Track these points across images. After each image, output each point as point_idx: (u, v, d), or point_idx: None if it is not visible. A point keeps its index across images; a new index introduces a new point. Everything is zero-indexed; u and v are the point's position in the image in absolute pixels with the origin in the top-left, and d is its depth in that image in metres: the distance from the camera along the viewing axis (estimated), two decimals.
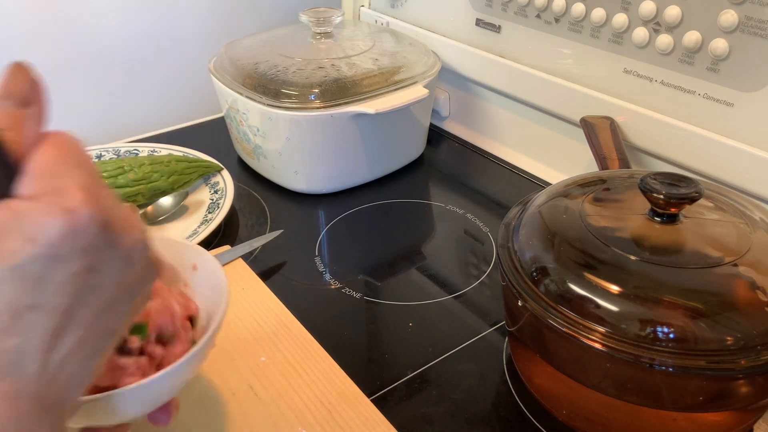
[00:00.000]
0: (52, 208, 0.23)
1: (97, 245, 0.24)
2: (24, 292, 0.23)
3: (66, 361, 0.25)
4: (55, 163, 0.24)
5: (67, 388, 0.25)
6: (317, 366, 0.49)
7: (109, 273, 0.25)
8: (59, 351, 0.24)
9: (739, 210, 0.45)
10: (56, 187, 0.24)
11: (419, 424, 0.46)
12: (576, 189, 0.49)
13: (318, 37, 0.77)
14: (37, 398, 0.24)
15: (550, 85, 0.72)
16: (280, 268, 0.63)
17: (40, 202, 0.23)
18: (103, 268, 0.25)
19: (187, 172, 0.70)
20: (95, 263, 0.25)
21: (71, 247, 0.23)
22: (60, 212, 0.23)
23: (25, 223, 0.23)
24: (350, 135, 0.71)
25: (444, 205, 0.73)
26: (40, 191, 0.23)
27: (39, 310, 0.23)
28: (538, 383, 0.47)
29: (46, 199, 0.23)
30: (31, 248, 0.23)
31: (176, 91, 0.96)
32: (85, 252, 0.24)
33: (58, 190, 0.24)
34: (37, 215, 0.23)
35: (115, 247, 0.25)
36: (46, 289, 0.23)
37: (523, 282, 0.43)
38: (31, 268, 0.23)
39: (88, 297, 0.25)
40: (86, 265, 0.24)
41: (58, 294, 0.24)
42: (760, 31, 0.53)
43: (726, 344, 0.37)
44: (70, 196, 0.24)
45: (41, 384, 0.24)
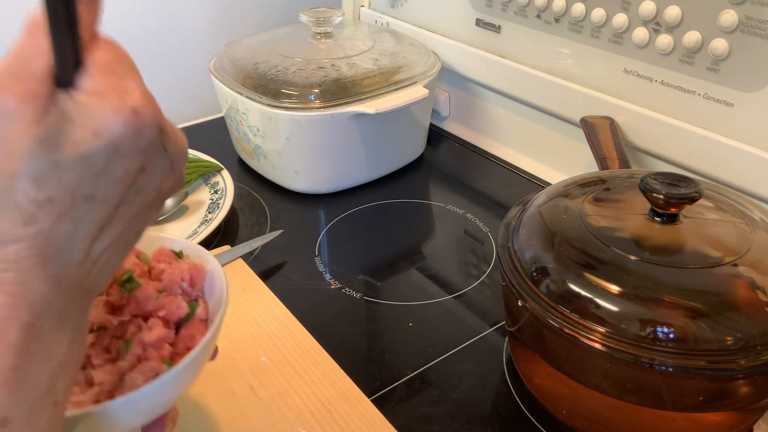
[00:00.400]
0: (120, 106, 0.24)
1: (153, 147, 0.25)
2: (84, 182, 0.24)
3: (104, 252, 0.26)
4: (116, 61, 0.25)
5: (99, 277, 0.27)
6: (317, 366, 0.49)
7: (156, 175, 0.27)
8: (101, 242, 0.26)
9: (739, 210, 0.45)
10: (121, 86, 0.24)
11: (419, 424, 0.46)
12: (576, 189, 0.49)
13: (318, 37, 0.77)
14: (75, 283, 0.25)
15: (550, 85, 0.72)
16: (280, 268, 0.63)
17: (107, 98, 0.24)
18: (153, 169, 0.26)
19: (187, 172, 0.70)
20: (147, 164, 0.26)
21: (132, 145, 0.25)
22: (128, 111, 0.24)
23: (92, 117, 0.24)
24: (350, 135, 0.71)
25: (444, 205, 0.73)
26: (105, 88, 0.24)
27: (94, 201, 0.25)
28: (538, 383, 0.47)
29: (112, 97, 0.24)
30: (99, 141, 0.24)
31: (176, 91, 0.96)
32: (142, 152, 0.25)
33: (122, 90, 0.24)
34: (104, 111, 0.24)
35: (165, 151, 0.26)
36: (103, 182, 0.24)
37: (523, 282, 0.43)
38: (94, 160, 0.24)
39: (133, 195, 0.26)
40: (140, 165, 0.25)
41: (113, 188, 0.25)
42: (760, 31, 0.53)
43: (726, 344, 0.37)
44: (134, 96, 0.24)
45: (81, 271, 0.25)
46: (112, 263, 0.27)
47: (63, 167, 0.23)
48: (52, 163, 0.23)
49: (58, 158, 0.23)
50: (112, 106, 0.24)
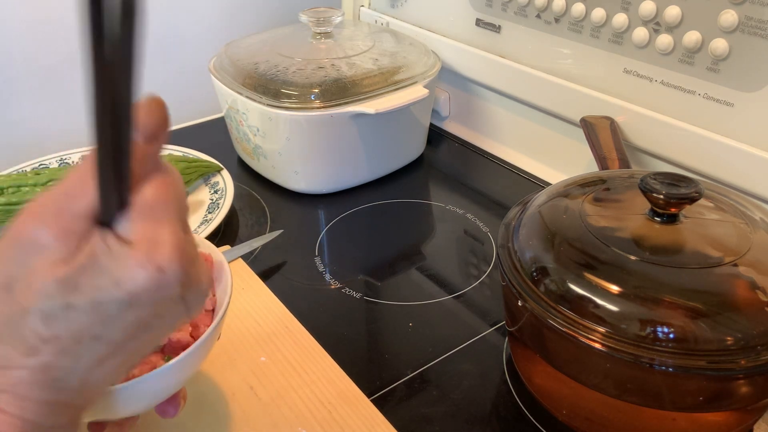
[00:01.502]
0: (146, 262, 0.24)
1: (171, 298, 0.26)
2: (93, 325, 0.25)
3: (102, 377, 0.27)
4: (160, 205, 0.26)
5: (94, 395, 0.28)
6: (317, 366, 0.49)
7: (169, 319, 0.27)
8: (101, 371, 0.26)
9: (739, 210, 0.45)
10: (154, 237, 0.25)
11: (419, 424, 0.46)
12: (576, 189, 0.49)
13: (318, 37, 0.77)
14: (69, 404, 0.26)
15: (550, 85, 0.72)
16: (280, 268, 0.63)
17: (136, 250, 0.24)
18: (166, 315, 0.27)
19: (186, 172, 0.70)
20: (162, 311, 0.26)
21: (149, 298, 0.25)
22: (153, 268, 0.24)
23: (118, 267, 0.24)
24: (350, 135, 0.71)
25: (444, 205, 0.73)
26: (138, 236, 0.25)
27: (99, 341, 0.25)
28: (538, 383, 0.47)
29: (142, 249, 0.24)
30: (115, 291, 0.24)
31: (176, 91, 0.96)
32: (158, 303, 0.26)
33: (154, 242, 0.25)
34: (130, 263, 0.24)
35: (184, 299, 0.27)
36: (113, 326, 0.25)
37: (523, 282, 0.43)
38: (108, 307, 0.25)
39: (143, 334, 0.27)
40: (154, 313, 0.26)
41: (121, 331, 0.26)
42: (760, 31, 0.53)
43: (726, 344, 0.37)
44: (164, 252, 0.25)
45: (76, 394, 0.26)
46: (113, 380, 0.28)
47: (75, 310, 0.24)
48: (66, 305, 0.24)
49: (72, 302, 0.24)
50: (138, 259, 0.24)
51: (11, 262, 0.24)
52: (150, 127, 0.26)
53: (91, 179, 0.24)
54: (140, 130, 0.25)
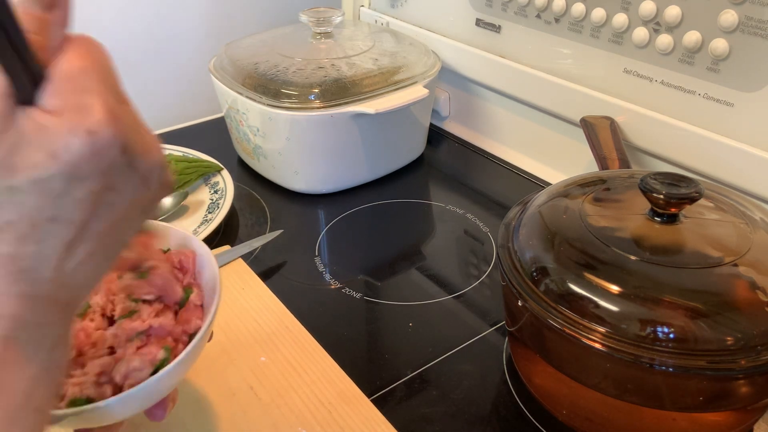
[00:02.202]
0: (76, 127, 0.23)
1: (116, 166, 0.25)
2: (44, 205, 0.24)
3: (78, 267, 0.26)
4: (80, 73, 0.24)
5: (78, 290, 0.27)
6: (317, 366, 0.49)
7: (126, 192, 0.26)
8: (72, 259, 0.26)
9: (739, 210, 0.45)
10: (80, 103, 0.24)
11: (419, 424, 0.46)
12: (576, 189, 0.49)
13: (318, 37, 0.77)
14: (50, 298, 0.25)
15: (550, 85, 0.72)
16: (280, 268, 0.63)
17: (64, 118, 0.23)
18: (121, 187, 0.26)
19: (187, 172, 0.70)
20: (113, 183, 0.25)
21: (91, 167, 0.24)
22: (83, 133, 0.23)
23: (49, 139, 0.23)
24: (350, 135, 0.71)
25: (444, 205, 0.73)
26: (64, 106, 0.24)
27: (56, 222, 0.24)
28: (538, 383, 0.47)
29: (70, 117, 0.23)
30: (53, 164, 0.23)
31: (176, 91, 0.96)
32: (104, 172, 0.25)
33: (81, 108, 0.24)
34: (60, 133, 0.23)
35: (133, 168, 0.26)
36: (64, 203, 0.24)
37: (523, 282, 0.43)
38: (52, 184, 0.24)
39: (103, 212, 0.26)
40: (104, 184, 0.25)
41: (76, 209, 0.25)
42: (760, 31, 0.53)
43: (726, 344, 0.37)
44: (93, 115, 0.24)
45: (54, 287, 0.25)
46: (93, 275, 0.27)
47: (19, 191, 0.23)
48: (8, 188, 0.23)
49: (13, 183, 0.23)
50: (67, 126, 0.23)
51: None
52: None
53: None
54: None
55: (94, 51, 0.25)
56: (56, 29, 0.25)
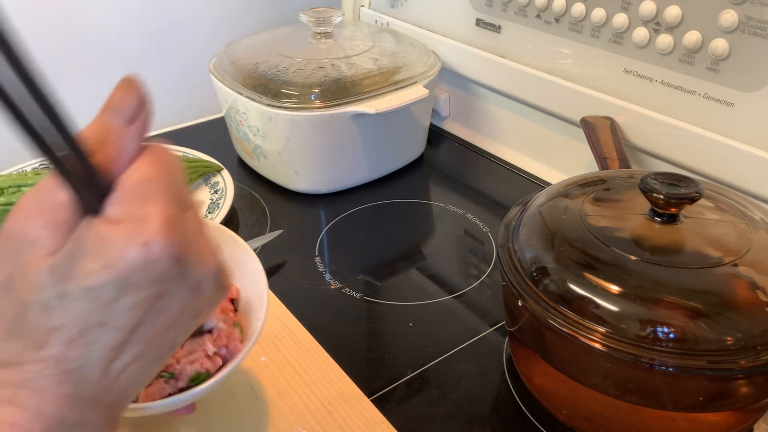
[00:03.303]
0: (132, 238, 0.24)
1: (168, 276, 0.25)
2: (93, 311, 0.24)
3: (125, 370, 0.26)
4: (146, 183, 0.25)
5: (125, 391, 0.27)
6: (317, 366, 0.49)
7: (176, 299, 0.26)
8: (119, 362, 0.26)
9: (739, 210, 0.45)
10: (140, 213, 0.25)
11: (419, 424, 0.46)
12: (576, 189, 0.49)
13: (318, 37, 0.77)
14: (94, 399, 0.26)
15: (550, 85, 0.72)
16: (280, 268, 0.63)
17: (123, 228, 0.24)
18: (171, 295, 0.26)
19: (187, 172, 0.70)
20: (164, 292, 0.26)
21: (143, 277, 0.25)
22: (138, 244, 0.24)
23: (105, 249, 0.24)
24: (350, 135, 0.71)
25: (444, 205, 0.73)
26: (125, 216, 0.24)
27: (105, 327, 0.25)
28: (538, 383, 0.47)
29: (128, 227, 0.24)
30: (106, 274, 0.24)
31: (176, 91, 0.96)
32: (155, 282, 0.25)
33: (140, 218, 0.24)
34: (116, 243, 0.24)
35: (185, 277, 0.26)
36: (114, 310, 0.25)
37: (523, 282, 0.43)
38: (103, 291, 0.24)
39: (152, 318, 0.26)
40: (155, 293, 0.25)
41: (125, 316, 0.25)
42: (760, 31, 0.53)
43: (726, 344, 0.37)
44: (150, 227, 0.24)
45: (100, 388, 0.26)
46: (140, 377, 0.28)
47: (71, 298, 0.24)
48: (61, 294, 0.24)
49: (66, 290, 0.24)
50: (124, 238, 0.24)
51: (7, 259, 0.25)
52: (127, 107, 0.26)
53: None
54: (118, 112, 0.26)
55: (164, 159, 0.26)
56: (133, 140, 0.26)
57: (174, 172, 0.27)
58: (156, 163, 0.26)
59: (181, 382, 0.37)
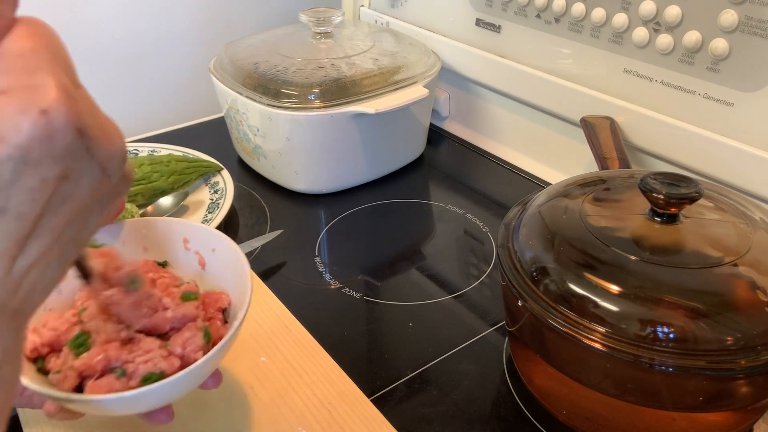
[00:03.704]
0: (27, 107, 0.21)
1: (72, 152, 0.23)
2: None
3: (30, 268, 0.24)
4: (30, 53, 0.22)
5: (30, 295, 0.24)
6: (317, 366, 0.49)
7: (83, 181, 0.24)
8: (24, 259, 0.23)
9: (739, 210, 0.45)
10: (32, 82, 0.22)
11: (419, 424, 0.46)
12: (576, 189, 0.49)
13: (318, 37, 0.77)
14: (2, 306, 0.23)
15: (550, 85, 0.72)
16: (280, 268, 0.63)
17: (13, 97, 0.21)
18: (78, 175, 0.23)
19: (187, 172, 0.70)
20: (69, 171, 0.23)
21: (44, 151, 0.22)
22: (35, 113, 0.21)
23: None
24: (350, 135, 0.71)
25: (444, 205, 0.73)
26: (13, 85, 0.21)
27: (6, 214, 0.22)
28: (538, 383, 0.47)
29: (20, 96, 0.21)
30: (1, 148, 0.21)
31: (176, 91, 0.96)
32: (58, 158, 0.22)
33: (33, 87, 0.21)
34: (9, 113, 0.21)
35: (91, 155, 0.23)
36: (15, 193, 0.22)
37: (523, 282, 0.43)
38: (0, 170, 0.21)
39: (58, 205, 0.23)
40: (59, 172, 0.23)
41: (28, 200, 0.22)
42: (760, 31, 0.53)
43: (726, 344, 0.37)
44: (46, 94, 0.21)
45: (4, 291, 0.23)
46: (46, 278, 0.25)
47: None
48: None
49: None
50: (17, 106, 0.21)
51: None
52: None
53: None
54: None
55: (44, 32, 0.23)
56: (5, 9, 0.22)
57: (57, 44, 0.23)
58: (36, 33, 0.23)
59: (134, 381, 0.35)
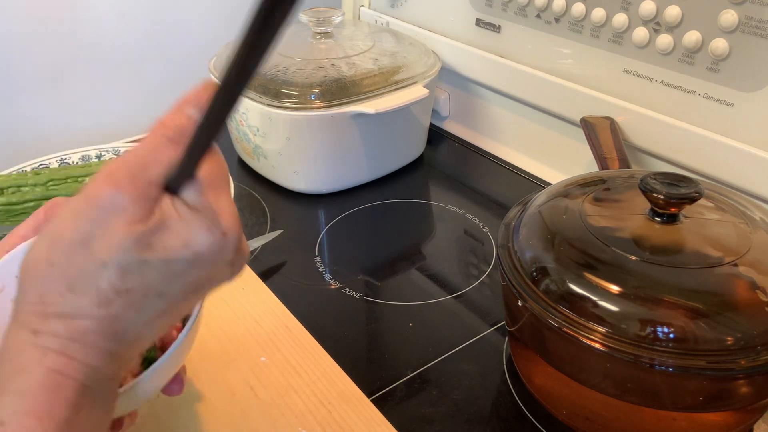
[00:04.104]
0: (213, 227, 0.27)
1: (225, 262, 0.28)
2: (161, 282, 0.27)
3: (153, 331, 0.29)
4: (217, 179, 0.28)
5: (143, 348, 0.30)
6: (317, 366, 0.49)
7: (218, 280, 0.30)
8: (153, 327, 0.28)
9: (739, 210, 0.45)
10: (217, 205, 0.28)
11: (419, 424, 0.46)
12: (576, 189, 0.49)
13: (318, 37, 0.77)
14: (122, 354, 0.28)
15: (550, 85, 0.72)
16: (280, 268, 0.63)
17: (204, 216, 0.27)
18: (218, 277, 0.29)
19: None
20: (215, 274, 0.29)
21: (211, 259, 0.28)
22: (218, 233, 0.27)
23: (187, 230, 0.27)
24: (350, 135, 0.71)
25: (444, 205, 0.73)
26: (204, 205, 0.27)
27: (162, 297, 0.27)
28: (538, 383, 0.47)
29: (209, 215, 0.27)
30: (184, 251, 0.27)
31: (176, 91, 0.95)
32: (215, 265, 0.28)
33: (217, 210, 0.28)
34: (198, 226, 0.27)
35: (232, 264, 0.29)
36: (176, 283, 0.27)
37: (523, 282, 0.43)
38: (177, 266, 0.27)
39: (194, 294, 0.29)
40: (210, 275, 0.29)
41: (181, 289, 0.28)
42: (760, 31, 0.53)
43: (726, 344, 0.37)
44: (227, 219, 0.28)
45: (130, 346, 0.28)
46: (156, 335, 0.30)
47: (148, 266, 0.26)
48: (141, 261, 0.26)
49: (147, 258, 0.26)
50: (206, 225, 0.27)
51: (88, 221, 0.26)
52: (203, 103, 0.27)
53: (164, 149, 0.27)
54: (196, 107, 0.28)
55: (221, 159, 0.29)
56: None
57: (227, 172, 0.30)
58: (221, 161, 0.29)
59: None
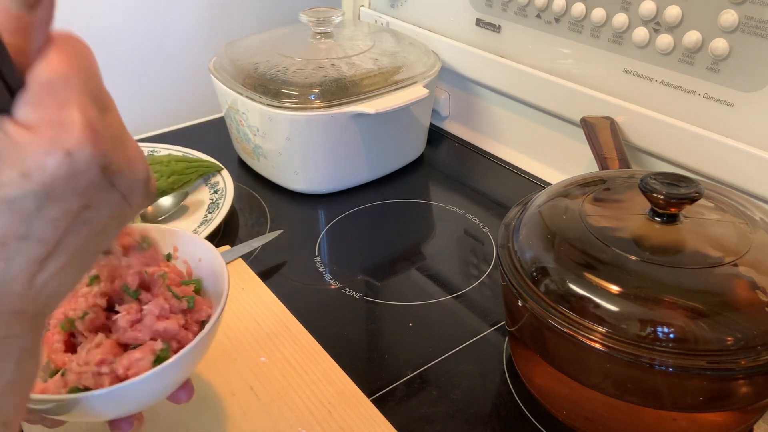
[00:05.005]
0: (53, 146, 0.22)
1: (95, 186, 0.24)
2: (13, 224, 0.22)
3: (50, 281, 0.25)
4: (60, 81, 0.23)
5: (50, 302, 0.26)
6: (317, 366, 0.49)
7: (104, 208, 0.25)
8: (44, 274, 0.24)
9: (739, 210, 0.45)
10: (59, 118, 0.22)
11: (419, 424, 0.46)
12: (576, 189, 0.49)
13: (318, 37, 0.77)
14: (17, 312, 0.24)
15: (550, 85, 0.72)
16: (280, 268, 0.63)
17: (40, 135, 0.22)
18: (99, 204, 0.24)
19: (186, 172, 0.70)
20: (91, 201, 0.24)
21: (68, 188, 0.23)
22: (60, 153, 0.22)
23: (22, 157, 0.22)
24: (350, 135, 0.71)
25: (444, 205, 0.73)
26: (41, 120, 0.22)
27: (27, 240, 0.23)
28: (538, 383, 0.47)
29: (46, 133, 0.22)
30: (25, 184, 0.22)
31: (176, 91, 0.96)
32: (81, 192, 0.23)
33: (60, 124, 0.22)
34: (35, 151, 0.22)
35: (113, 186, 0.24)
36: (36, 222, 0.23)
37: (523, 282, 0.43)
38: (23, 203, 0.22)
39: (78, 229, 0.24)
40: (81, 204, 0.24)
41: (49, 228, 0.23)
42: (760, 31, 0.53)
43: (726, 344, 0.37)
44: (72, 133, 0.22)
45: (23, 301, 0.24)
46: (65, 286, 0.26)
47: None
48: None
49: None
50: (43, 145, 0.22)
51: None
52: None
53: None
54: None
55: (77, 53, 0.24)
56: (38, 30, 0.23)
57: (90, 67, 0.24)
58: (69, 57, 0.23)
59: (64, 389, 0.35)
